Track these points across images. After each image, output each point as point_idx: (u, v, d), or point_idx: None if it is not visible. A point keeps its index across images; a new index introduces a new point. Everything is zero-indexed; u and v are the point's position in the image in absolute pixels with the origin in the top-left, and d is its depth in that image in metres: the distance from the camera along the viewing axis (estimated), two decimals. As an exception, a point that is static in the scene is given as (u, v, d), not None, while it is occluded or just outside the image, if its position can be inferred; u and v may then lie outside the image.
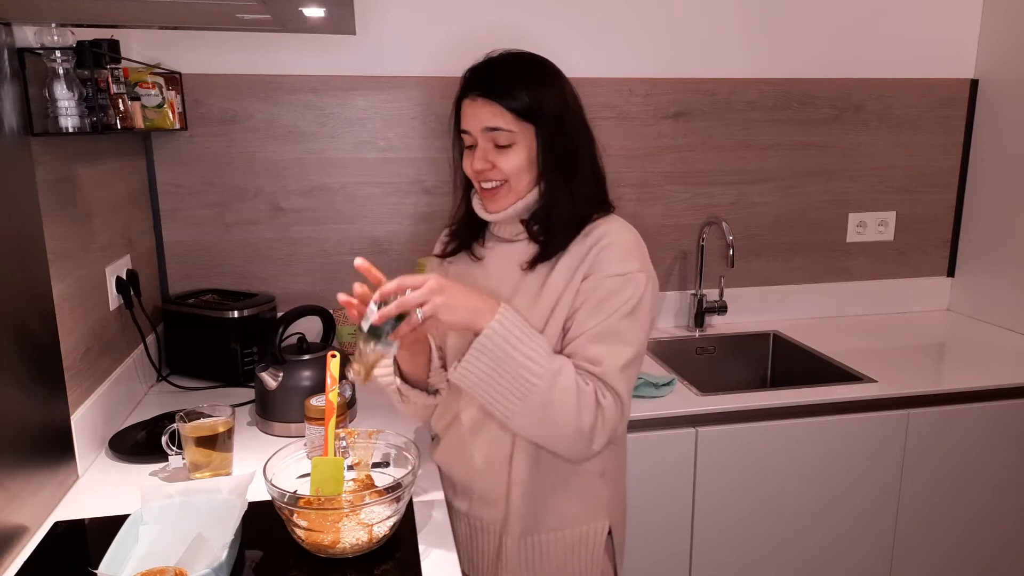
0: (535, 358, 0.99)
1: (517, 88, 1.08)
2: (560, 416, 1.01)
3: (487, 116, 1.09)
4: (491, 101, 1.08)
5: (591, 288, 1.09)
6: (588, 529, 1.19)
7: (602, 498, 1.20)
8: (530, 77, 1.11)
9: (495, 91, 1.08)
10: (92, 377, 1.36)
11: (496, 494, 1.17)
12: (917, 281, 2.33)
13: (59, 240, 1.23)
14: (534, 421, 1.02)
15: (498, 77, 1.10)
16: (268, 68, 1.82)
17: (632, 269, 1.09)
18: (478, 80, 1.11)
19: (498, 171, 1.10)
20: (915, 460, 1.73)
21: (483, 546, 1.22)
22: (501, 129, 1.08)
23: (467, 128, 1.12)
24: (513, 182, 1.11)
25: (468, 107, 1.11)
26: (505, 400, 1.00)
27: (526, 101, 1.08)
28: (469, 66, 1.15)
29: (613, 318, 1.06)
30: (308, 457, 1.11)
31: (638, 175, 2.08)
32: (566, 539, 1.18)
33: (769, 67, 2.09)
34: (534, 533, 1.17)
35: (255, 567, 1.00)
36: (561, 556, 1.19)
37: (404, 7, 1.86)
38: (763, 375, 2.16)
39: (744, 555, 1.71)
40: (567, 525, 1.18)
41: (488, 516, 1.20)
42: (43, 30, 1.15)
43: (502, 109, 1.08)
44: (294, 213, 1.91)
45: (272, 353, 1.44)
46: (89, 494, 1.21)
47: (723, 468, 1.64)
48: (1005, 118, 2.13)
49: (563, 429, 1.02)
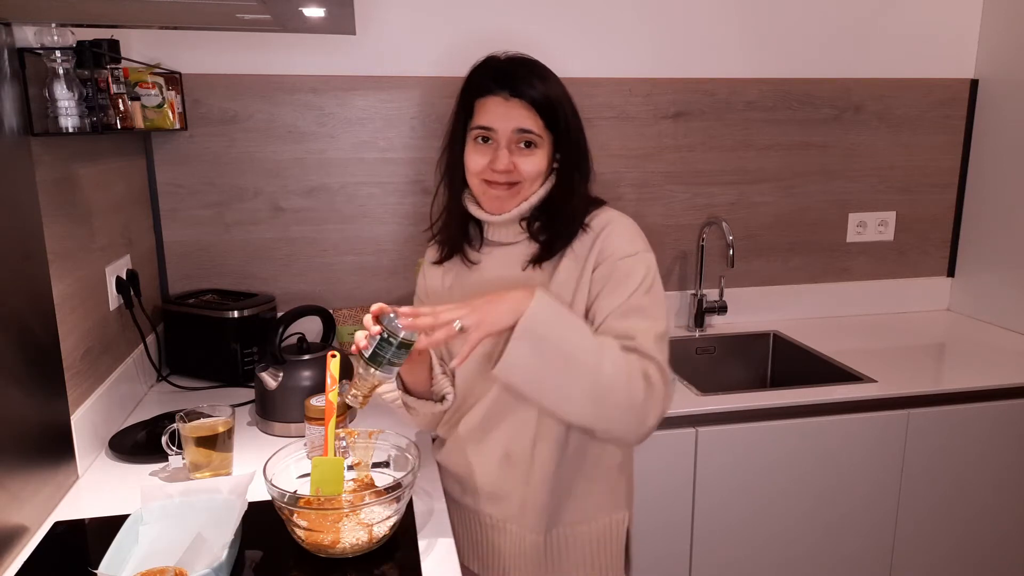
0: (576, 335, 0.98)
1: (545, 94, 1.10)
2: (612, 392, 0.97)
3: (521, 117, 1.09)
4: (526, 104, 1.09)
5: (605, 274, 1.10)
6: (611, 521, 1.21)
7: (621, 490, 1.22)
8: (551, 83, 1.12)
9: (530, 95, 1.09)
10: (92, 377, 1.36)
11: (513, 489, 1.17)
12: (917, 281, 2.33)
13: (59, 240, 1.23)
14: (587, 402, 0.97)
15: (529, 81, 1.10)
16: (268, 68, 1.82)
17: (640, 249, 1.11)
18: (508, 80, 1.10)
19: (517, 172, 1.11)
20: (915, 460, 1.73)
21: (495, 543, 1.22)
22: (532, 132, 1.10)
23: (492, 125, 1.11)
24: (527, 184, 1.13)
25: (498, 105, 1.10)
26: (554, 385, 0.97)
27: (553, 108, 1.10)
28: (475, 64, 1.15)
29: (635, 296, 1.07)
30: (308, 457, 1.11)
31: (638, 175, 2.08)
32: (591, 532, 1.19)
33: (769, 67, 2.09)
34: (558, 526, 1.18)
35: (255, 567, 1.00)
36: (587, 549, 1.20)
37: (404, 7, 1.86)
38: (763, 375, 2.16)
39: (744, 555, 1.71)
40: (590, 518, 1.19)
41: (500, 513, 1.19)
42: (43, 30, 1.15)
43: (535, 113, 1.10)
44: (294, 213, 1.91)
45: (272, 353, 1.44)
46: (89, 494, 1.21)
47: (723, 468, 1.64)
48: (1005, 118, 2.13)
49: (617, 405, 0.98)
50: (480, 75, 1.14)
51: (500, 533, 1.21)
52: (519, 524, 1.18)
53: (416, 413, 1.20)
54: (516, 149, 1.11)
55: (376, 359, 0.96)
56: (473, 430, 1.19)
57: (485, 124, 1.11)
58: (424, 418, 1.21)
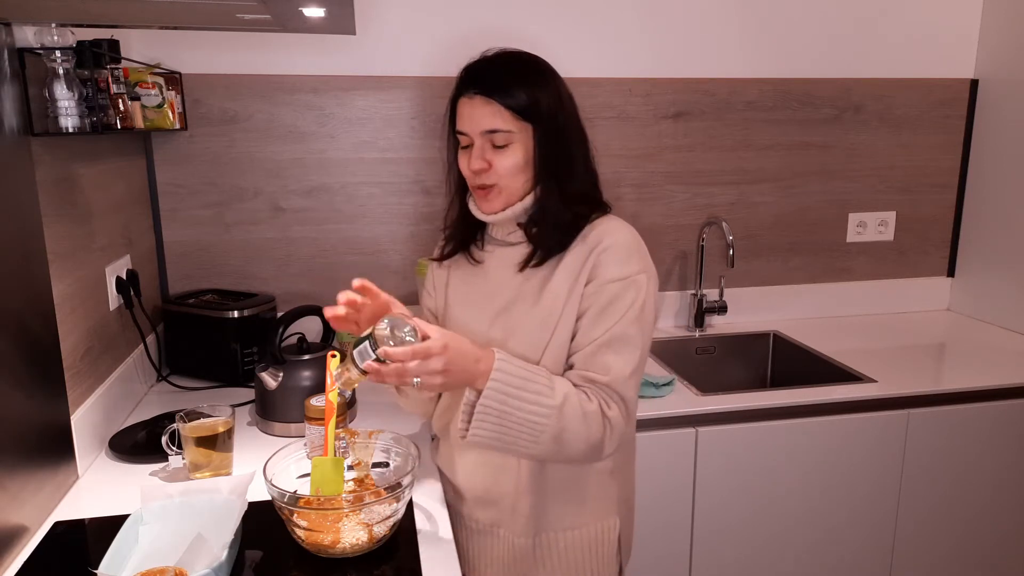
0: (538, 402, 1.01)
1: (515, 87, 1.07)
2: (572, 440, 1.04)
3: (485, 116, 1.08)
4: (490, 100, 1.07)
5: (593, 294, 1.09)
6: (601, 527, 1.20)
7: (612, 496, 1.21)
8: (527, 76, 1.10)
9: (493, 90, 1.07)
10: (92, 377, 1.36)
11: (500, 496, 1.17)
12: (917, 281, 2.33)
13: (59, 240, 1.23)
14: (549, 452, 1.05)
15: (495, 75, 1.09)
16: (268, 68, 1.82)
17: (633, 272, 1.08)
18: (475, 78, 1.10)
19: (494, 171, 1.09)
20: (915, 460, 1.73)
21: (485, 549, 1.22)
22: (499, 130, 1.07)
23: (464, 129, 1.10)
24: (506, 183, 1.10)
25: (465, 106, 1.10)
26: (518, 447, 1.04)
27: (524, 100, 1.07)
28: (464, 66, 1.14)
29: (620, 324, 1.06)
30: (308, 457, 1.11)
31: (638, 175, 2.08)
32: (580, 538, 1.19)
33: (769, 67, 2.09)
34: (546, 531, 1.17)
35: (255, 567, 1.00)
36: (575, 554, 1.19)
37: (404, 7, 1.86)
38: (763, 375, 2.16)
39: (744, 555, 1.71)
40: (580, 524, 1.19)
41: (489, 518, 1.20)
42: (43, 30, 1.15)
43: (501, 108, 1.07)
44: (294, 213, 1.91)
45: (272, 353, 1.44)
46: (89, 494, 1.21)
47: (723, 468, 1.64)
48: (1005, 118, 2.13)
49: (576, 449, 1.05)
50: (459, 77, 1.13)
51: (489, 538, 1.21)
52: (508, 529, 1.18)
53: (406, 396, 1.22)
54: (489, 148, 1.09)
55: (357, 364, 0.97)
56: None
57: (460, 128, 1.11)
58: (414, 402, 1.23)
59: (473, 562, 1.24)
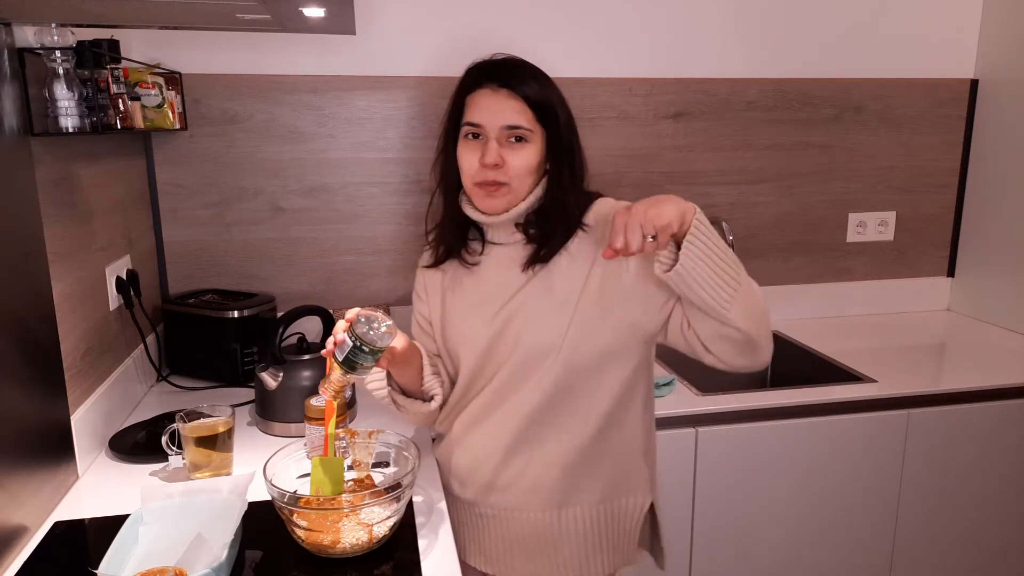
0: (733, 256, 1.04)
1: (538, 88, 1.10)
2: (760, 302, 1.05)
3: (510, 110, 1.08)
4: (516, 96, 1.09)
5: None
6: (628, 503, 1.23)
7: (644, 476, 1.24)
8: (544, 79, 1.12)
9: (521, 85, 1.09)
10: (92, 377, 1.36)
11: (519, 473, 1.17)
12: (917, 281, 2.33)
13: (59, 240, 1.23)
14: (747, 306, 1.03)
15: (520, 74, 1.11)
16: (268, 68, 1.82)
17: None
18: (499, 73, 1.10)
19: (506, 168, 1.10)
20: (915, 460, 1.73)
21: (499, 533, 1.22)
22: (522, 127, 1.09)
23: (481, 120, 1.09)
24: (517, 182, 1.11)
25: (487, 97, 1.10)
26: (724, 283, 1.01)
27: (546, 102, 1.10)
28: (471, 64, 1.14)
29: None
30: (308, 457, 1.11)
31: (638, 175, 2.08)
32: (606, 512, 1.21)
33: (769, 67, 2.09)
34: (571, 505, 1.19)
35: (255, 567, 1.00)
36: (599, 527, 1.21)
37: (404, 7, 1.86)
38: (763, 375, 2.16)
39: (744, 555, 1.71)
40: (608, 499, 1.21)
41: (504, 501, 1.19)
42: (43, 30, 1.15)
43: (525, 106, 1.09)
44: (294, 213, 1.91)
45: (272, 353, 1.44)
46: (89, 494, 1.21)
47: (723, 468, 1.64)
48: (1005, 118, 2.13)
49: (764, 316, 1.06)
50: (471, 73, 1.14)
51: (503, 523, 1.21)
52: (525, 507, 1.19)
53: (405, 411, 1.20)
54: (506, 143, 1.10)
55: (348, 363, 1.00)
56: (484, 408, 1.18)
57: (475, 120, 1.10)
58: (414, 416, 1.22)
59: (489, 551, 1.24)
